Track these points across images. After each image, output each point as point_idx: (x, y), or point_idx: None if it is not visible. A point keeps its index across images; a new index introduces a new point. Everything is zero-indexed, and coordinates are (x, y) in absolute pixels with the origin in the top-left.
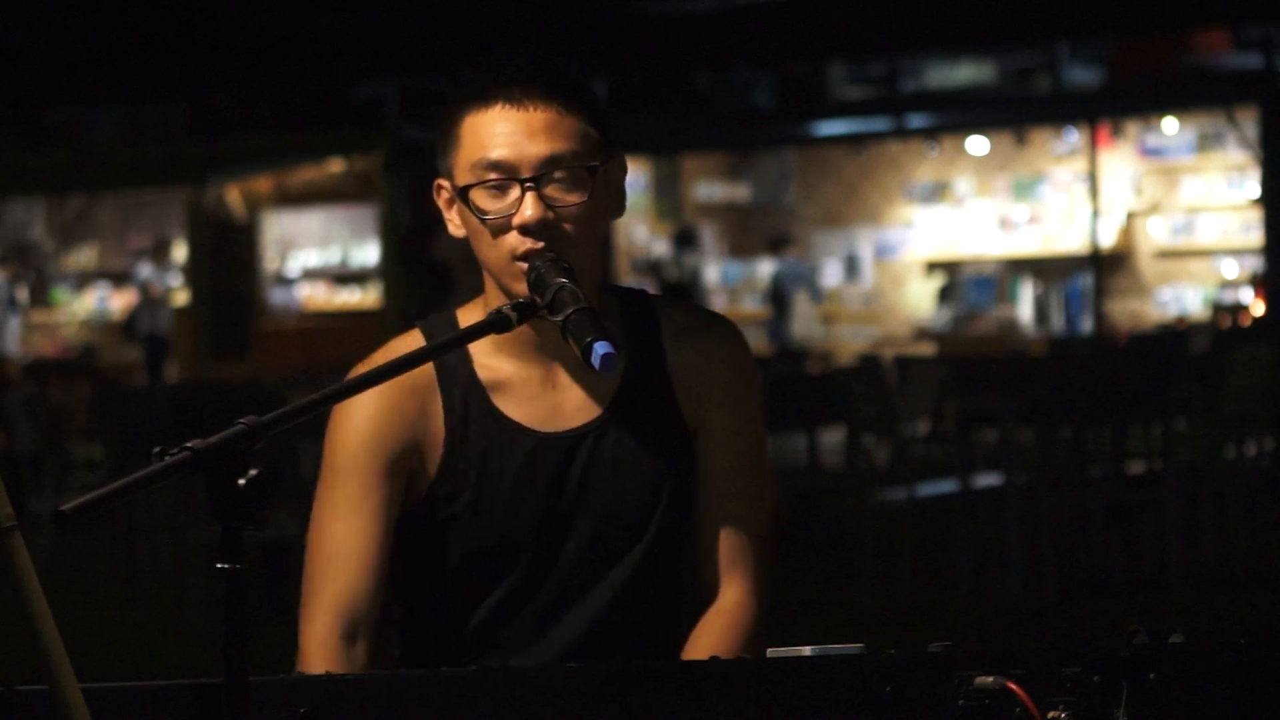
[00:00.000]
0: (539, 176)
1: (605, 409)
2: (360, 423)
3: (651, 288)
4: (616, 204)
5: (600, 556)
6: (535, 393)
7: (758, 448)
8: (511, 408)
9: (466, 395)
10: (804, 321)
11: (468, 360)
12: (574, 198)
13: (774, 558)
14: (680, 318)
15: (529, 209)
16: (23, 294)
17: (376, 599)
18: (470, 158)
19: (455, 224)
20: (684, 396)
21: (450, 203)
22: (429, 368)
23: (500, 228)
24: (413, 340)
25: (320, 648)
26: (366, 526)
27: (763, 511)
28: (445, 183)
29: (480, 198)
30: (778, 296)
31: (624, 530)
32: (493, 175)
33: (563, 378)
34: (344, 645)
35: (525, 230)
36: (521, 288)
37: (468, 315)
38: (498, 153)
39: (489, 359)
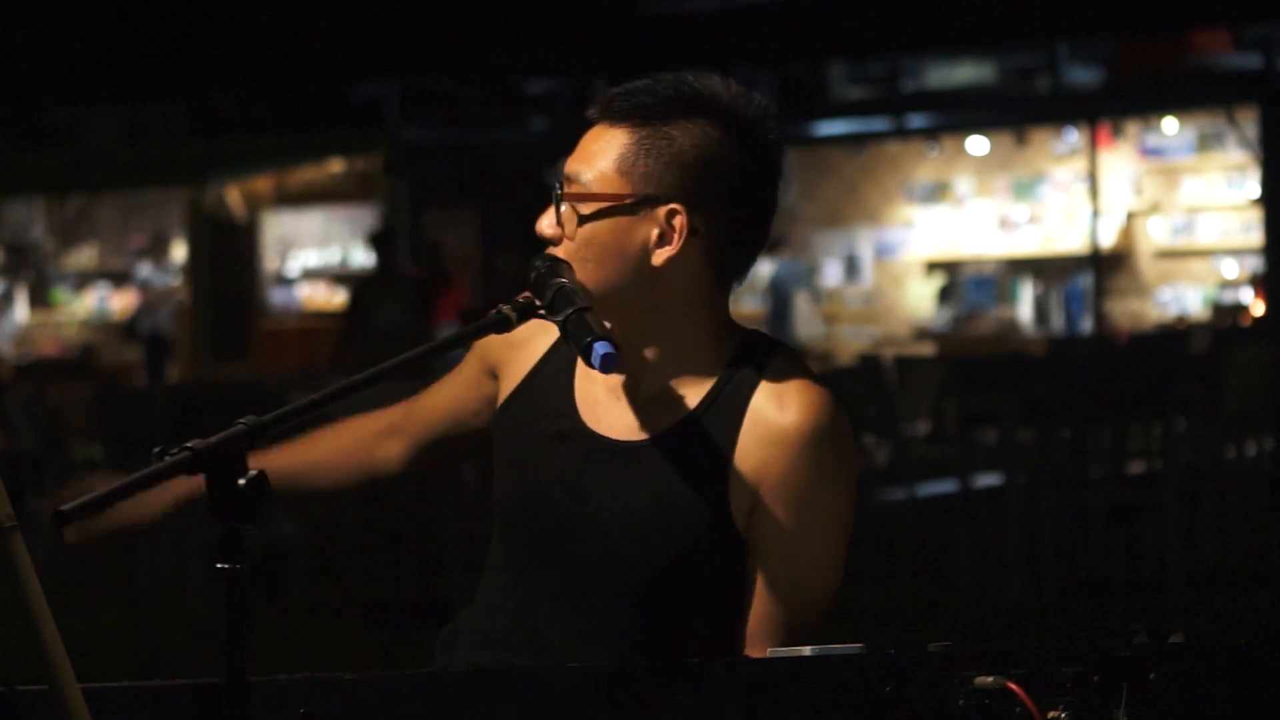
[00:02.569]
0: (559, 192)
1: (650, 438)
2: None
3: None
4: (657, 250)
5: (590, 571)
6: (601, 395)
7: (818, 539)
8: (581, 394)
9: (561, 362)
10: (806, 321)
11: None
12: (568, 220)
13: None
14: (781, 379)
15: (541, 220)
16: (22, 294)
17: (425, 425)
18: None
19: None
20: (744, 460)
21: None
22: None
23: None
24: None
25: (356, 427)
26: (448, 388)
27: (808, 603)
28: None
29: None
30: (777, 297)
31: (621, 557)
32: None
33: (627, 395)
34: (377, 437)
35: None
36: None
37: None
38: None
39: None
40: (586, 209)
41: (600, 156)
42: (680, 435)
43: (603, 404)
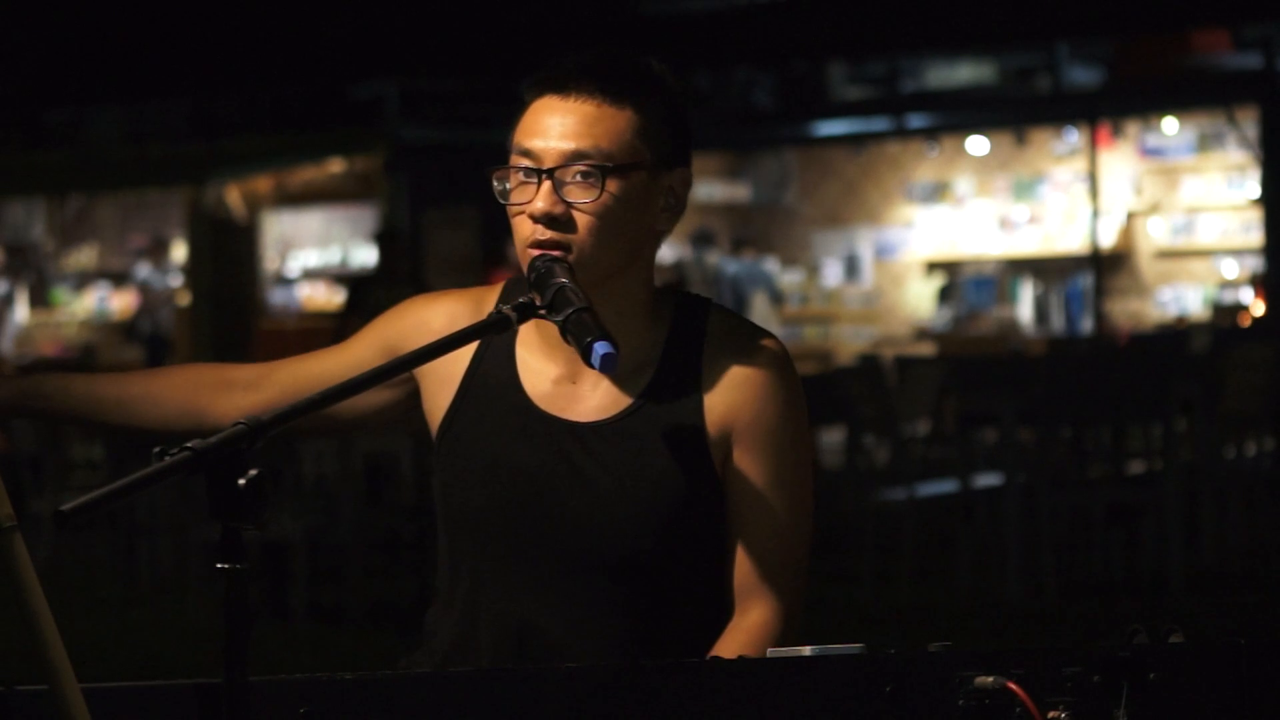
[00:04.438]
0: (557, 169)
1: (619, 413)
2: (415, 309)
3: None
4: (664, 214)
5: (579, 557)
6: (554, 379)
7: (790, 472)
8: (531, 385)
9: (498, 357)
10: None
11: (515, 331)
12: (586, 195)
13: (804, 590)
14: (726, 331)
15: (540, 200)
16: (23, 294)
17: (289, 389)
18: (514, 142)
19: None
20: (712, 411)
21: None
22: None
23: (519, 213)
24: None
25: (196, 373)
26: (335, 361)
27: (794, 540)
28: None
29: (512, 182)
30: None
31: (611, 537)
32: (524, 162)
33: (588, 378)
34: (218, 388)
35: (535, 219)
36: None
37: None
38: (530, 141)
39: (530, 335)
40: (617, 180)
41: (612, 129)
42: (646, 404)
43: (558, 388)
